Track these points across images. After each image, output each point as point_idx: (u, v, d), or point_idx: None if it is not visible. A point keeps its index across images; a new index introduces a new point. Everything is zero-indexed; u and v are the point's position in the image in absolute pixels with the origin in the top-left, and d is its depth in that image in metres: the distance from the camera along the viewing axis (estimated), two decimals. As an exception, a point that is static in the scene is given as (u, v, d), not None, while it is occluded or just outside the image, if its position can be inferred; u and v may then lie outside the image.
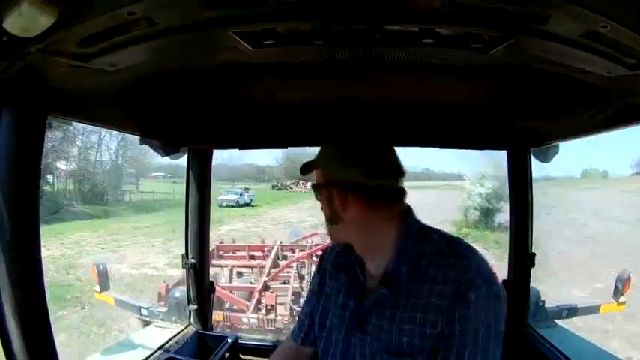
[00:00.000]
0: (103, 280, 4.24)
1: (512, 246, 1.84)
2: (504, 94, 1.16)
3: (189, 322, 1.96)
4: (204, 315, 1.97)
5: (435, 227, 0.95)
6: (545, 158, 1.69)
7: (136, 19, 0.68)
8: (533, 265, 1.81)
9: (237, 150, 1.79)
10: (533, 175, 1.80)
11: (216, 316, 5.15)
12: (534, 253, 1.81)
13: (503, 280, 1.90)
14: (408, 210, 0.95)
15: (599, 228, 14.10)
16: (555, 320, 2.07)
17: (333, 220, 0.94)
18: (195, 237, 1.91)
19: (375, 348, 0.89)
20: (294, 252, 7.11)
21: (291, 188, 31.67)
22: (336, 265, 1.03)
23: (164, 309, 2.08)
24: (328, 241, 1.26)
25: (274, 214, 19.90)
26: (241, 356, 1.90)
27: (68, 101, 0.97)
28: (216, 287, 2.06)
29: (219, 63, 0.97)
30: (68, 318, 7.49)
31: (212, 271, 3.33)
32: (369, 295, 0.92)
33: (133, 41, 0.74)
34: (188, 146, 1.81)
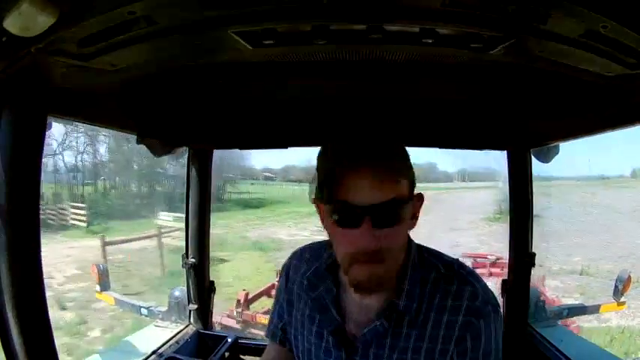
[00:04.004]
0: (104, 279, 4.24)
1: (512, 246, 1.84)
2: (504, 94, 1.16)
3: (190, 321, 1.97)
4: (204, 315, 1.97)
5: (430, 247, 0.86)
6: (545, 158, 1.69)
7: (136, 18, 0.68)
8: (533, 265, 1.81)
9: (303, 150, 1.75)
10: (588, 173, 1.78)
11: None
12: (534, 253, 1.81)
13: (504, 280, 1.90)
14: None
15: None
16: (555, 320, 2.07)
17: (402, 247, 0.77)
18: (196, 237, 1.91)
19: None
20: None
21: None
22: (304, 289, 0.89)
23: (164, 308, 2.08)
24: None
25: None
26: (241, 356, 1.90)
27: (68, 101, 0.97)
28: None
29: (220, 62, 0.97)
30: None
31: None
32: (358, 332, 0.81)
33: (132, 41, 0.74)
34: (188, 146, 1.82)
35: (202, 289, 1.95)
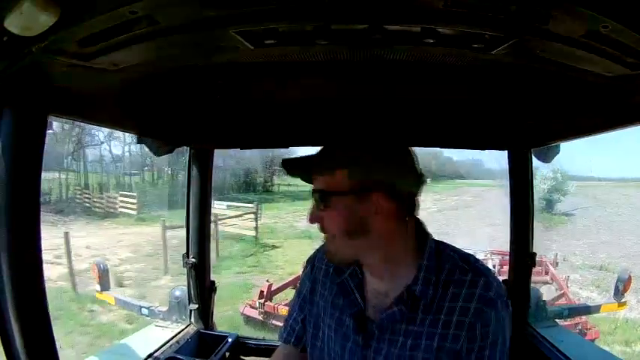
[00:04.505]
0: (104, 279, 4.24)
1: (512, 246, 1.84)
2: (505, 94, 1.16)
3: (190, 321, 1.97)
4: (205, 314, 1.97)
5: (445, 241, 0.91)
6: (545, 158, 1.68)
7: (138, 18, 0.68)
8: (533, 265, 1.81)
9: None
10: (626, 175, 1.82)
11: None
12: (535, 253, 1.81)
13: (504, 280, 1.90)
14: (421, 223, 0.90)
15: None
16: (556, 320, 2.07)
17: (354, 233, 0.83)
18: (196, 236, 1.92)
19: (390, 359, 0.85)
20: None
21: None
22: (329, 277, 0.97)
23: (164, 308, 2.08)
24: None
25: None
26: (242, 356, 1.90)
27: (69, 100, 0.97)
28: None
29: (221, 62, 0.97)
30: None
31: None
32: (376, 317, 0.86)
33: (134, 40, 0.74)
34: (189, 146, 1.82)
35: (203, 289, 1.95)
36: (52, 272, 8.47)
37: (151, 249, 10.85)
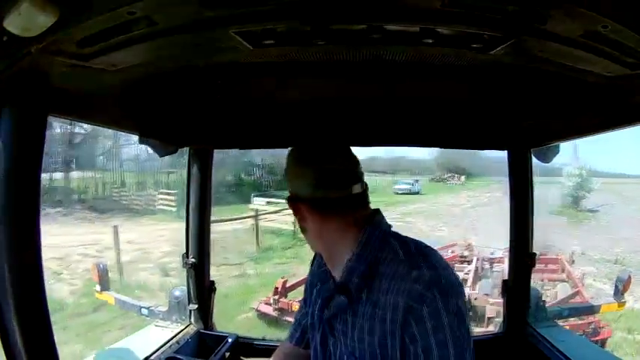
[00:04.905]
0: (103, 279, 4.23)
1: (512, 246, 1.84)
2: (505, 94, 1.16)
3: (190, 321, 1.96)
4: (204, 314, 1.97)
5: (403, 234, 0.93)
6: (545, 158, 1.68)
7: (136, 18, 0.68)
8: (533, 265, 1.81)
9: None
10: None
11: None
12: (535, 253, 1.81)
13: (504, 280, 1.90)
14: (373, 215, 0.93)
15: None
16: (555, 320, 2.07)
17: (302, 231, 0.98)
18: (196, 236, 1.91)
19: (344, 352, 0.89)
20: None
21: (448, 180, 33.83)
22: (317, 275, 1.03)
23: (164, 308, 2.08)
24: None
25: (439, 200, 25.00)
26: (241, 356, 1.90)
27: (68, 101, 0.97)
28: None
29: (220, 62, 0.97)
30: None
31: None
32: (332, 302, 0.92)
33: (132, 41, 0.74)
34: (189, 146, 1.82)
35: (202, 289, 1.95)
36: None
37: (190, 243, 11.57)
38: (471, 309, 7.17)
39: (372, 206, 0.97)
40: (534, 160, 1.73)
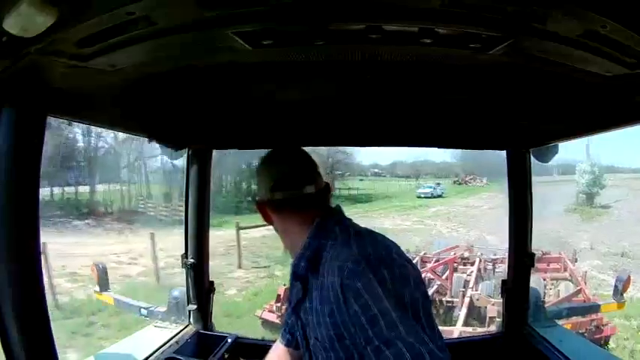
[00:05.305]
0: (103, 280, 4.21)
1: (512, 246, 1.84)
2: (504, 94, 1.16)
3: (189, 322, 1.96)
4: (204, 315, 1.96)
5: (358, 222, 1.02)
6: (545, 158, 1.69)
7: (135, 19, 0.68)
8: (533, 265, 1.81)
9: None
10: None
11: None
12: (534, 253, 1.81)
13: (503, 281, 1.90)
14: (329, 211, 1.01)
15: None
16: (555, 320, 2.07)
17: (276, 232, 1.06)
18: (195, 237, 1.91)
19: (311, 337, 0.96)
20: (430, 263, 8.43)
21: (469, 183, 34.44)
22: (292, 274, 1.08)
23: (163, 309, 2.08)
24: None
25: (460, 202, 26.79)
26: (240, 357, 1.90)
27: (67, 101, 0.97)
28: None
29: (219, 63, 0.97)
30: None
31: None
32: (292, 291, 1.03)
33: (131, 41, 0.74)
34: (188, 146, 1.81)
35: (202, 290, 1.95)
36: (131, 271, 10.88)
37: (222, 249, 12.03)
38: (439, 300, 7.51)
39: (393, 210, 1.01)
40: (563, 158, 1.73)
